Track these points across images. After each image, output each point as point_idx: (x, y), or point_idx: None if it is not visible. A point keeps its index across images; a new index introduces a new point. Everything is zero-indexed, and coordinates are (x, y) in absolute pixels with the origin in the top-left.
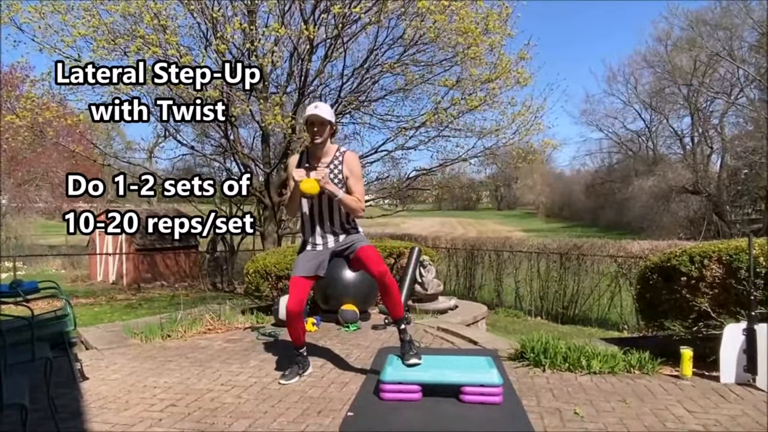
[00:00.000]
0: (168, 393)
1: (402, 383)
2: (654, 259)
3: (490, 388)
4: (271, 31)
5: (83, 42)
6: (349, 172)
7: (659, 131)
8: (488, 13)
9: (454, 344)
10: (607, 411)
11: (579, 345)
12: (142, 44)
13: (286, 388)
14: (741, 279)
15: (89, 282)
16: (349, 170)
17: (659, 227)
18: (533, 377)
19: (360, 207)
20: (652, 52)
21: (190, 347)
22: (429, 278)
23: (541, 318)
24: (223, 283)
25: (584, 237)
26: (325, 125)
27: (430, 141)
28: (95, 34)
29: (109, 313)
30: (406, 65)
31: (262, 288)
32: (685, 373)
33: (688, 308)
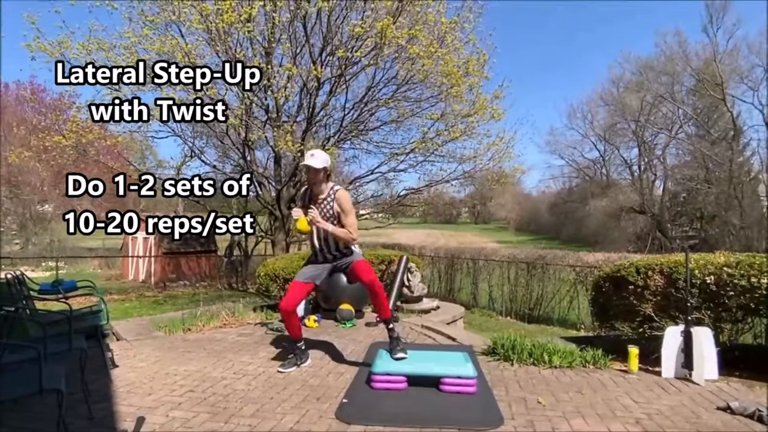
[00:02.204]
0: (187, 380)
1: (390, 374)
2: (606, 270)
3: (466, 379)
4: (285, 70)
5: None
6: (339, 208)
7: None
8: (469, 59)
9: (435, 340)
10: (566, 400)
11: (542, 342)
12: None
13: (289, 377)
14: (679, 288)
15: (122, 280)
16: (340, 206)
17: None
18: (503, 370)
19: (349, 237)
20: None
21: (208, 339)
22: (415, 282)
23: (510, 318)
24: (237, 284)
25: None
26: (318, 171)
27: (418, 165)
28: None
29: (138, 308)
30: (398, 101)
31: (271, 288)
32: (632, 368)
33: (635, 312)
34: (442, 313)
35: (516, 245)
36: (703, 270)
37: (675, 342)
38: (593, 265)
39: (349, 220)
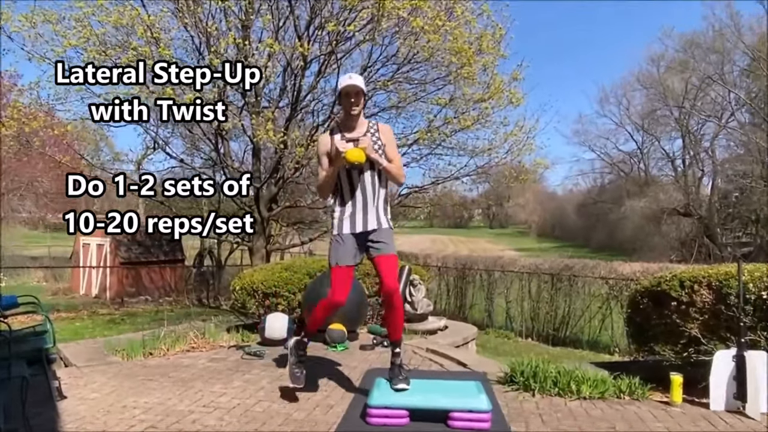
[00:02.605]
0: (148, 414)
1: (389, 407)
2: (644, 283)
3: (479, 413)
4: (265, 46)
5: (74, 52)
6: (387, 141)
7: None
8: (482, 33)
9: (443, 366)
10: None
11: (569, 369)
12: (134, 56)
13: (269, 411)
14: (731, 305)
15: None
16: (387, 140)
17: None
18: (522, 402)
19: (402, 174)
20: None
21: (173, 366)
22: (419, 297)
23: (531, 339)
24: (208, 299)
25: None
26: (360, 95)
27: (423, 158)
28: (86, 45)
29: (90, 329)
30: (399, 83)
31: (248, 305)
32: (674, 400)
33: (679, 333)
34: (450, 334)
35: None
36: (758, 283)
37: (726, 368)
38: (629, 278)
39: (397, 157)
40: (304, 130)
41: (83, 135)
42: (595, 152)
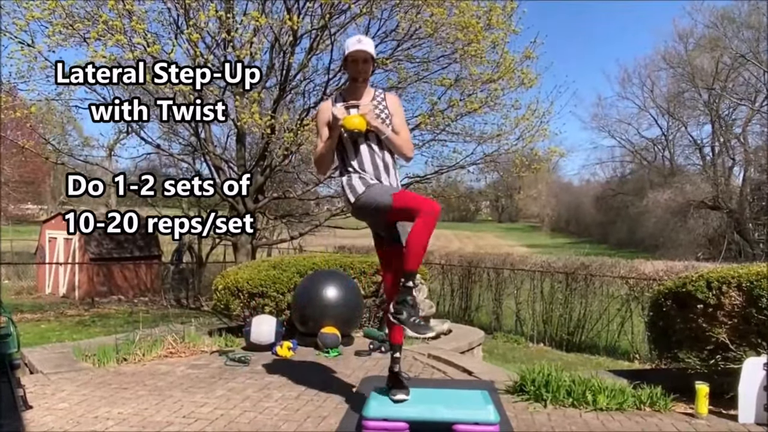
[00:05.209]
0: (122, 426)
1: (387, 419)
2: (668, 284)
3: (486, 426)
4: (250, 19)
5: (37, 26)
6: (394, 111)
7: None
8: (491, 7)
9: (446, 374)
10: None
11: (585, 378)
12: (104, 30)
13: (255, 422)
14: (762, 308)
15: (36, 295)
16: (394, 110)
17: (675, 245)
18: (533, 413)
19: (410, 147)
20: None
21: (149, 373)
22: (420, 299)
23: (543, 344)
24: (188, 299)
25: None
26: (369, 62)
27: (425, 145)
28: (51, 17)
29: (57, 332)
30: (399, 61)
31: (232, 306)
32: (700, 411)
33: (705, 339)
34: (455, 338)
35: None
36: None
37: (756, 377)
38: (651, 278)
39: (405, 129)
40: (293, 113)
41: (48, 118)
42: (615, 138)
